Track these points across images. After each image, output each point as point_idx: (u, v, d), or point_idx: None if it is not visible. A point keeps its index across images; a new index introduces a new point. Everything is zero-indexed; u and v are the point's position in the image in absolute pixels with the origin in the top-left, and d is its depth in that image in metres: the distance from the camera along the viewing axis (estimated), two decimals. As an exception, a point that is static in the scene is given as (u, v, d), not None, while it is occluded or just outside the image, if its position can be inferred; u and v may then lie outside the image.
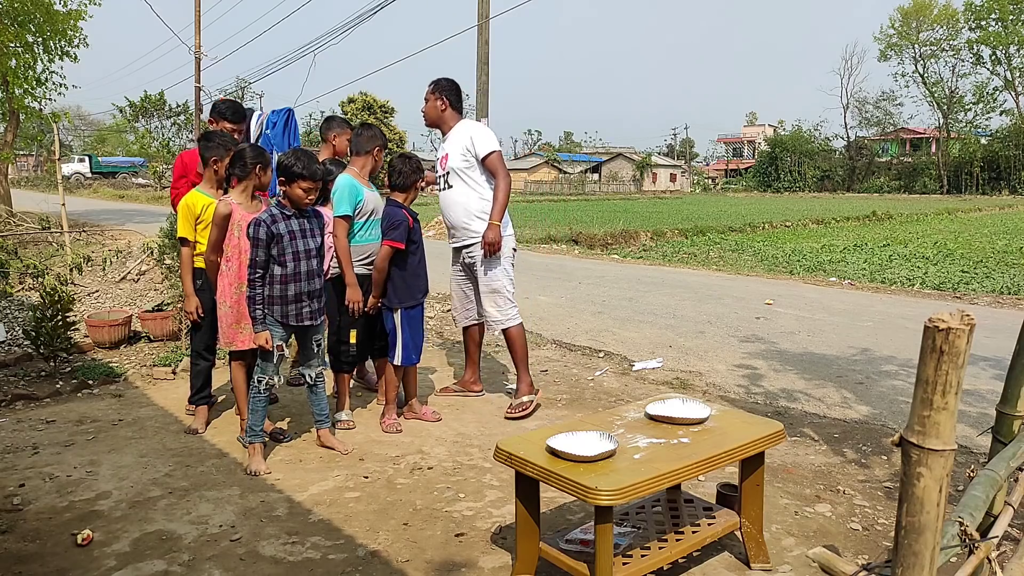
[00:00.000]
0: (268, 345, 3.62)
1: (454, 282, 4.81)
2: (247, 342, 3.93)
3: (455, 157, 4.48)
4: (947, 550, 1.73)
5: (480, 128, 4.54)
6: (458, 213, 4.51)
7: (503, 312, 4.53)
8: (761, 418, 2.95)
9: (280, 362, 3.74)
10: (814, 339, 6.68)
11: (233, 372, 4.08)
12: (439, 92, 4.54)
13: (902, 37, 54.35)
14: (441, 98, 4.52)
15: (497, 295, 4.52)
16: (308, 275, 3.71)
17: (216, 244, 3.96)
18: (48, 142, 28.21)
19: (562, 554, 2.55)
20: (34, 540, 2.98)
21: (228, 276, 3.95)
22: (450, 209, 4.56)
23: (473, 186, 4.47)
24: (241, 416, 4.15)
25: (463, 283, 4.76)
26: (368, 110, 47.16)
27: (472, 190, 4.47)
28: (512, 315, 4.55)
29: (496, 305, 4.53)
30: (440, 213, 4.76)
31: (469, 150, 4.43)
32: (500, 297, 4.52)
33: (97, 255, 10.65)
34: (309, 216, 3.76)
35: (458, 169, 4.47)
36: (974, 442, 3.91)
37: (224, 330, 4.00)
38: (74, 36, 14.98)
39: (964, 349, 1.35)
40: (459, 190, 4.49)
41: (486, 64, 18.65)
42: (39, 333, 5.13)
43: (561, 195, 50.74)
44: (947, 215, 26.82)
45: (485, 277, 4.51)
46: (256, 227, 3.60)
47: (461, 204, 4.49)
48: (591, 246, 16.28)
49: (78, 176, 45.38)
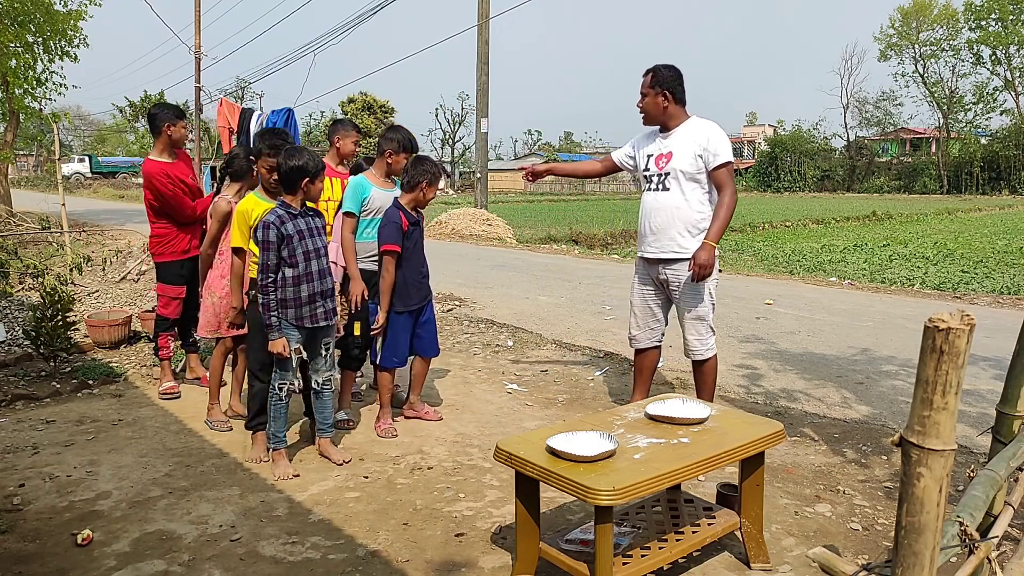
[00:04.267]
0: (285, 352, 3.56)
1: (639, 297, 4.19)
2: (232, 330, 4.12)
3: (683, 159, 3.91)
4: (947, 550, 1.73)
5: (718, 131, 3.96)
6: (667, 221, 3.95)
7: (703, 342, 4.01)
8: (761, 418, 2.95)
9: (299, 365, 3.68)
10: (814, 339, 6.68)
11: (214, 354, 4.34)
12: (659, 87, 3.94)
13: (902, 37, 54.32)
14: (663, 93, 3.94)
15: (701, 323, 3.99)
16: (320, 274, 3.65)
17: (214, 239, 4.16)
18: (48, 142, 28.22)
19: (562, 554, 2.55)
20: (34, 540, 2.98)
21: (219, 269, 4.17)
22: (657, 214, 3.99)
23: (693, 195, 3.92)
24: (211, 399, 4.35)
25: (651, 300, 4.15)
26: (368, 110, 47.19)
27: (690, 200, 3.92)
28: (711, 344, 4.04)
29: (698, 333, 4.00)
30: (641, 218, 4.12)
31: (702, 156, 3.89)
32: (703, 325, 3.99)
33: (97, 255, 10.66)
34: (312, 215, 3.70)
35: (684, 173, 3.91)
36: (974, 442, 3.92)
37: (209, 319, 4.23)
38: (74, 36, 14.98)
39: (964, 349, 1.35)
40: (675, 196, 3.93)
41: (486, 64, 18.66)
42: (39, 333, 5.13)
43: (561, 195, 50.68)
44: (947, 215, 26.80)
45: (689, 302, 3.97)
46: (266, 229, 3.50)
47: (674, 213, 3.93)
48: (591, 246, 16.27)
49: (78, 176, 45.41)
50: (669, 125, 4.01)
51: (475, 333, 6.83)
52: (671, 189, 3.95)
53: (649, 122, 4.06)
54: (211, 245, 4.18)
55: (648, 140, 4.15)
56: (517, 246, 15.97)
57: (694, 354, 4.04)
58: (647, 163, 4.08)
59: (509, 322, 7.29)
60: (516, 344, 6.45)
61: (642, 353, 4.26)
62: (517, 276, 10.79)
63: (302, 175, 3.52)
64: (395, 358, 4.17)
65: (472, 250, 14.59)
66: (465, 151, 66.33)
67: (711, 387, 4.12)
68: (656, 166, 4.02)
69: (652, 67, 3.99)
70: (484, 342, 6.51)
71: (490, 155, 31.62)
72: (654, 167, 4.03)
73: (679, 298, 4.01)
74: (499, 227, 17.77)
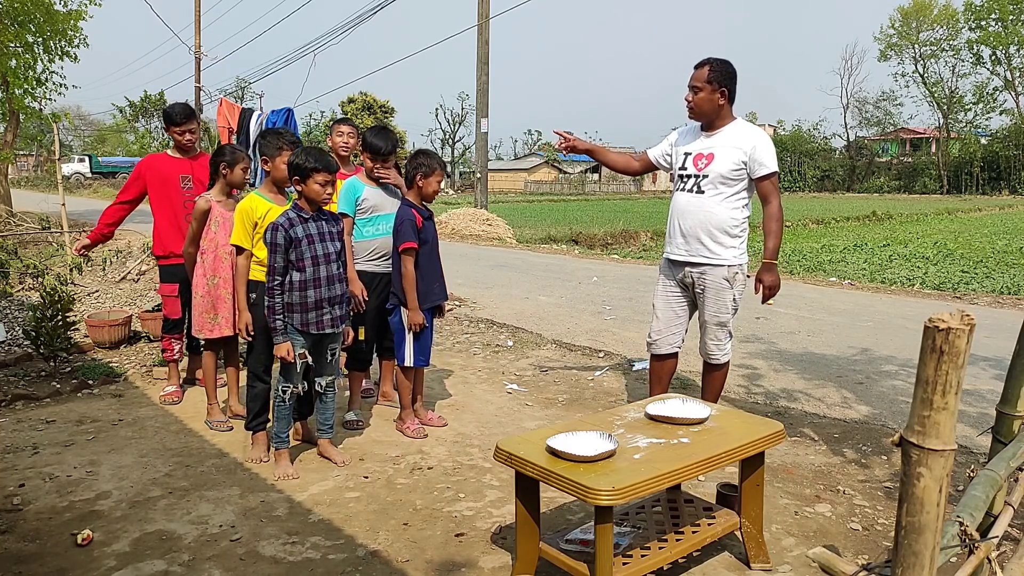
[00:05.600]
0: (289, 357, 3.52)
1: (662, 300, 4.04)
2: (218, 331, 4.20)
3: (725, 162, 3.74)
4: (947, 550, 1.73)
5: (766, 139, 3.79)
6: (699, 224, 3.80)
7: (721, 347, 3.93)
8: (761, 418, 2.95)
9: (303, 370, 3.64)
10: (814, 339, 6.68)
11: (204, 358, 4.39)
12: (717, 83, 3.71)
13: (902, 37, 54.34)
14: (721, 90, 3.71)
15: (722, 328, 3.91)
16: (328, 280, 3.57)
17: (194, 238, 4.20)
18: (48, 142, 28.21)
19: (562, 554, 2.55)
20: (34, 540, 2.98)
21: (202, 268, 4.19)
22: (690, 216, 3.83)
23: (728, 201, 3.77)
24: (208, 399, 4.37)
25: (676, 303, 4.01)
26: (368, 110, 47.18)
27: (725, 205, 3.77)
28: (728, 350, 3.96)
29: (717, 339, 3.91)
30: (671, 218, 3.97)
31: (746, 163, 3.72)
32: (723, 331, 3.91)
33: (97, 255, 10.64)
34: (327, 219, 3.62)
35: (725, 176, 3.75)
36: (974, 442, 3.92)
37: (195, 318, 4.27)
38: (74, 36, 14.97)
39: (964, 349, 1.35)
40: (711, 200, 3.77)
41: (486, 64, 18.66)
42: (39, 333, 5.13)
43: (561, 195, 50.70)
44: (947, 215, 26.81)
45: (714, 306, 3.87)
46: (274, 231, 3.45)
47: (707, 217, 3.78)
48: (591, 246, 16.28)
49: (78, 176, 45.38)
50: (715, 124, 3.81)
51: (475, 333, 6.83)
52: (706, 192, 3.78)
53: (698, 118, 3.84)
54: (191, 244, 4.24)
55: (689, 137, 3.97)
56: (517, 246, 15.97)
57: (711, 358, 3.96)
58: (684, 161, 3.90)
59: (509, 322, 7.29)
60: (516, 344, 6.45)
61: (660, 360, 4.08)
62: (517, 276, 10.79)
63: (294, 172, 3.51)
64: (422, 358, 4.12)
65: (472, 250, 14.59)
66: (465, 151, 66.35)
67: (718, 390, 4.06)
68: (694, 166, 3.83)
69: (708, 59, 3.75)
70: (484, 342, 6.51)
71: (490, 155, 31.61)
72: (692, 167, 3.85)
73: (704, 302, 3.89)
74: (499, 227, 17.78)
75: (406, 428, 4.16)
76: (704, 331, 3.96)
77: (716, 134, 3.81)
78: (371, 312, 4.28)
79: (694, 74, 3.76)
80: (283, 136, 3.93)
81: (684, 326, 4.05)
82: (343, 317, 3.71)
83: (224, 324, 4.19)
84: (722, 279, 3.82)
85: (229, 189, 4.27)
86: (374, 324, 4.35)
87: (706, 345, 3.96)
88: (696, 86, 3.74)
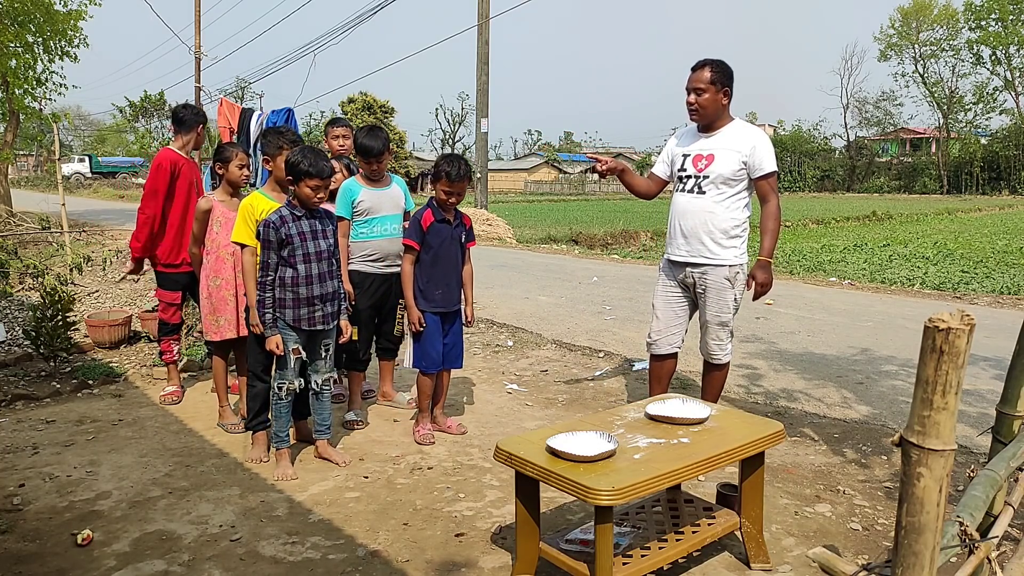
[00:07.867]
0: (279, 351, 3.53)
1: (662, 300, 4.04)
2: (221, 333, 4.16)
3: (726, 163, 3.74)
4: (947, 550, 1.73)
5: (765, 139, 3.79)
6: (699, 225, 3.80)
7: (722, 347, 3.93)
8: (761, 418, 2.95)
9: (299, 366, 3.65)
10: (814, 339, 6.68)
11: (213, 362, 4.38)
12: (721, 84, 3.72)
13: (902, 37, 54.32)
14: (724, 91, 3.73)
15: (723, 328, 3.90)
16: (320, 278, 3.58)
17: (198, 238, 4.19)
18: (48, 142, 28.21)
19: (562, 554, 2.55)
20: (34, 540, 2.98)
21: (205, 268, 4.16)
22: (689, 217, 3.83)
23: (729, 202, 3.78)
24: (219, 402, 4.37)
25: (676, 303, 4.01)
26: (368, 110, 47.11)
27: (726, 206, 3.78)
28: (729, 350, 3.97)
29: (719, 338, 3.91)
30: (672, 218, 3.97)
31: (746, 164, 3.73)
32: (724, 331, 3.90)
33: (97, 255, 10.66)
34: (320, 217, 3.63)
35: (725, 177, 3.75)
36: (974, 442, 3.92)
37: (203, 321, 4.27)
38: (74, 36, 14.98)
39: (964, 349, 1.35)
40: (711, 201, 3.78)
41: (486, 64, 18.66)
42: (39, 333, 5.13)
43: (561, 195, 50.67)
44: (947, 215, 26.80)
45: (716, 308, 3.86)
46: (266, 228, 3.48)
47: (707, 218, 3.78)
48: (591, 246, 16.28)
49: (78, 176, 45.36)
50: (714, 125, 3.81)
51: (475, 333, 6.83)
52: (707, 193, 3.78)
53: (702, 120, 3.81)
54: (195, 245, 4.24)
55: (687, 138, 3.97)
56: (517, 246, 15.97)
57: (712, 357, 3.95)
58: (683, 162, 3.90)
59: (509, 322, 7.29)
60: (516, 344, 6.45)
61: (660, 360, 4.07)
62: (517, 276, 10.79)
63: (289, 171, 3.52)
64: (424, 361, 4.02)
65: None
66: (465, 151, 66.29)
67: (718, 390, 4.05)
68: (694, 167, 3.83)
69: (706, 61, 3.74)
70: (484, 342, 6.51)
71: (490, 155, 31.59)
72: (691, 168, 3.85)
73: (705, 302, 3.89)
74: (499, 227, 17.78)
75: (415, 431, 4.15)
76: (706, 331, 3.95)
77: (715, 135, 3.81)
78: (364, 312, 4.29)
79: (694, 76, 3.74)
80: (284, 135, 3.94)
81: (684, 326, 4.04)
82: (336, 314, 3.73)
83: (227, 327, 4.12)
84: (723, 279, 3.82)
85: (231, 189, 4.24)
86: (368, 325, 4.36)
87: (708, 345, 3.95)
88: (699, 88, 3.71)
